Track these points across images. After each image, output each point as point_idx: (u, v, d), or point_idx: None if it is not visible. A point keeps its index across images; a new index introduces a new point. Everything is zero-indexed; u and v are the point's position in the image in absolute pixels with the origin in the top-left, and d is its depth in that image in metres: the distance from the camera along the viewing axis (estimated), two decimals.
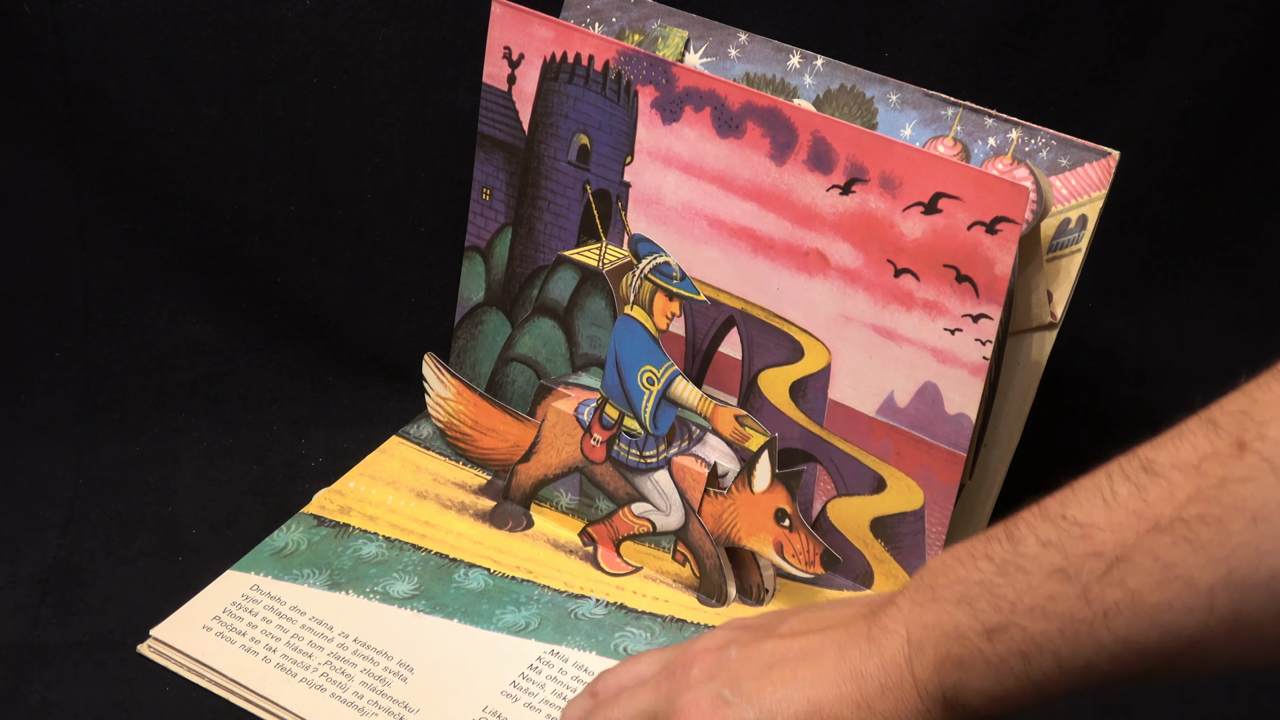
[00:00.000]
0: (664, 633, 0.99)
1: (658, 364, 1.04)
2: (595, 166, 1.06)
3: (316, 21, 1.14)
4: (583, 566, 1.04)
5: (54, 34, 1.12)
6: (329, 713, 0.93)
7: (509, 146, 1.09)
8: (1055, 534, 0.70)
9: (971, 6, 1.15)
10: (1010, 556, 0.71)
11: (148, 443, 1.12)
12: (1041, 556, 0.70)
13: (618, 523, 1.04)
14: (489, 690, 0.94)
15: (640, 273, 1.03)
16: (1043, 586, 0.70)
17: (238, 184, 1.17)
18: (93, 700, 0.94)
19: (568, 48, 1.05)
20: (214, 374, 1.17)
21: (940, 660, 0.73)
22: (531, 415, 1.07)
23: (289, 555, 1.02)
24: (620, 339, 1.04)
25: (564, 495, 1.06)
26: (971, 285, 0.96)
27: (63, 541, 1.04)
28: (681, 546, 1.02)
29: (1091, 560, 0.69)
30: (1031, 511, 0.72)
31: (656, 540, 1.03)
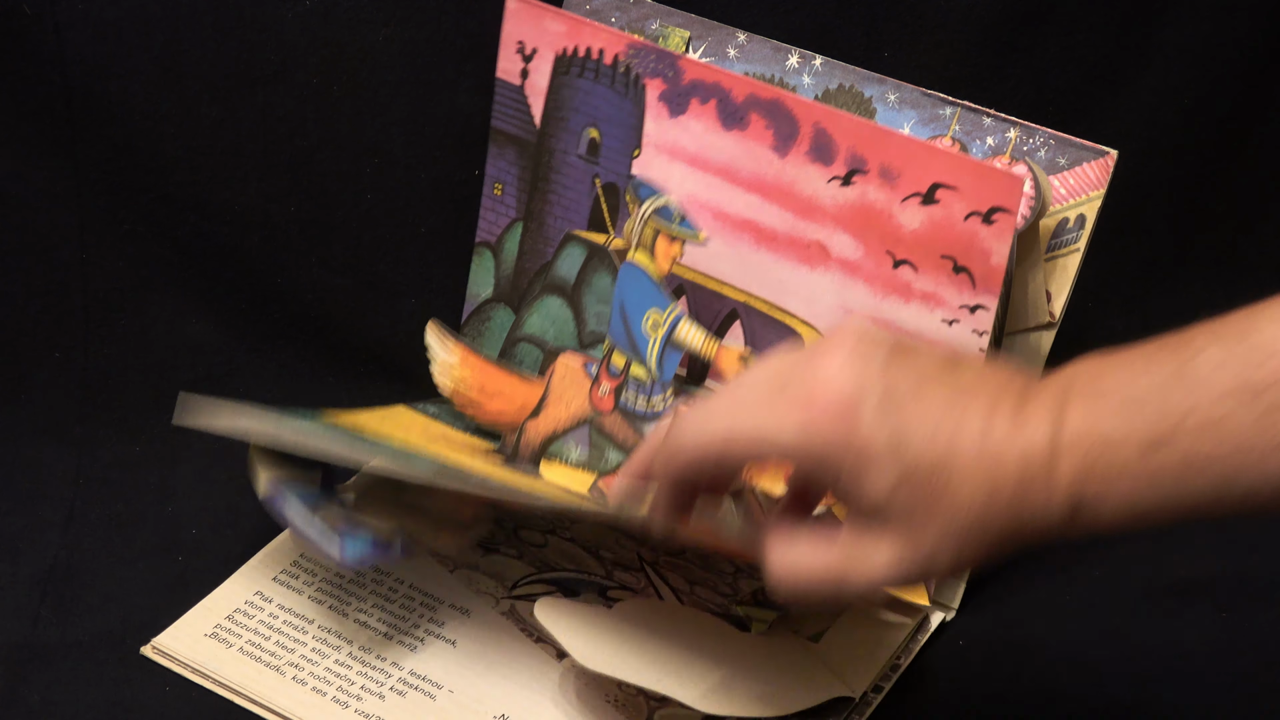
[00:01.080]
0: None
1: (661, 307, 1.04)
2: (604, 160, 1.06)
3: (317, 21, 1.14)
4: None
5: (54, 34, 1.12)
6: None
7: (521, 141, 1.09)
8: (1232, 356, 0.67)
9: (970, 6, 1.15)
10: (1181, 370, 0.68)
11: (148, 443, 1.12)
12: (1216, 376, 0.67)
13: None
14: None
15: (642, 216, 1.03)
16: (1216, 406, 0.67)
17: (238, 184, 1.17)
18: (93, 700, 0.94)
19: (579, 42, 1.06)
20: (214, 374, 1.17)
21: (1088, 468, 0.69)
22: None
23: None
24: (624, 286, 1.04)
25: (574, 449, 1.05)
26: (968, 276, 0.96)
27: (63, 541, 1.04)
28: None
29: (1274, 389, 0.66)
30: (1202, 330, 0.69)
31: None
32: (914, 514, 0.71)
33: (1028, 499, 0.70)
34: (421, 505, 0.97)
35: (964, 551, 0.71)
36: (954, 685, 0.98)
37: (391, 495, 0.97)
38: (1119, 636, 1.01)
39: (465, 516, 0.99)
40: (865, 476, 0.71)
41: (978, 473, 0.70)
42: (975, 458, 0.70)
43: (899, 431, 0.70)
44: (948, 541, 0.71)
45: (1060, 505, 0.70)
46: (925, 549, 0.71)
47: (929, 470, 0.70)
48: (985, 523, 0.70)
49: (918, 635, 1.00)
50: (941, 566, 0.72)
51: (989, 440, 0.70)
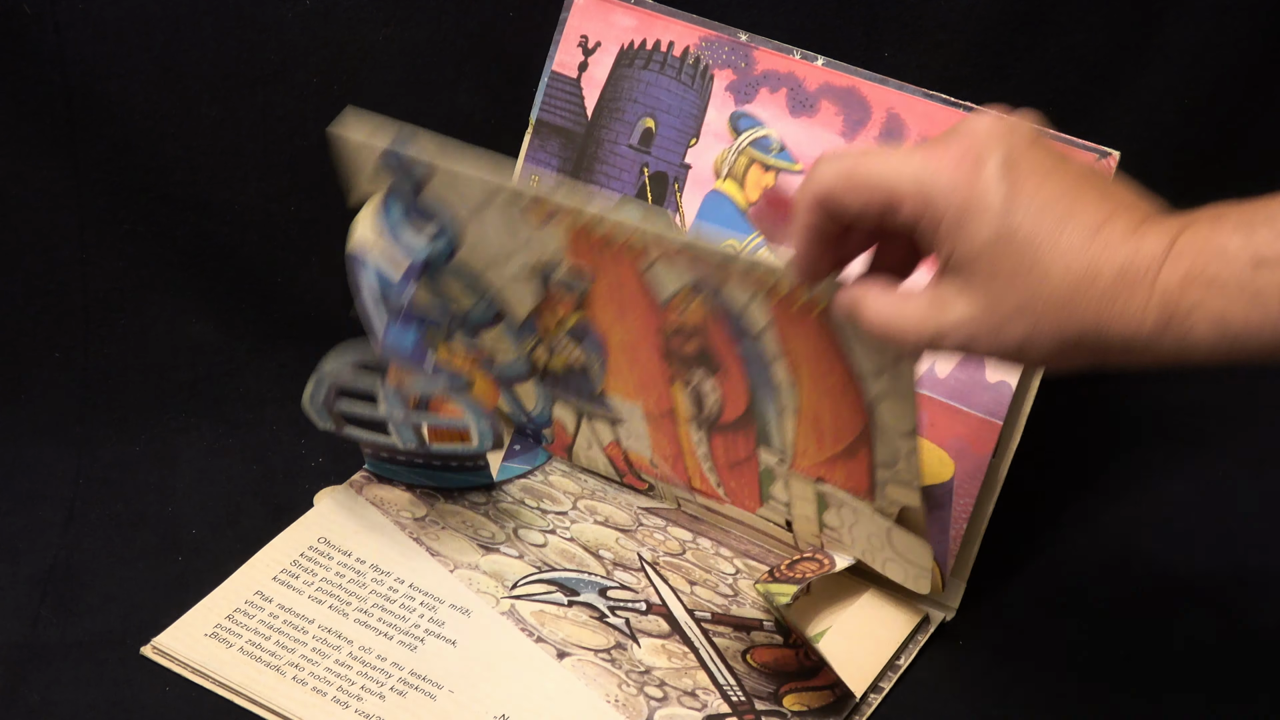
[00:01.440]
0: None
1: (743, 235, 1.04)
2: (657, 150, 1.08)
3: (316, 21, 1.14)
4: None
5: (54, 34, 1.12)
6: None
7: (568, 132, 1.10)
8: None
9: (970, 6, 1.15)
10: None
11: (148, 443, 1.12)
12: None
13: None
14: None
15: (738, 146, 1.04)
16: None
17: (238, 184, 1.17)
18: (93, 700, 0.94)
19: (649, 34, 1.08)
20: (214, 374, 1.17)
21: (1194, 274, 0.70)
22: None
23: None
24: (706, 212, 1.05)
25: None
26: None
27: (63, 541, 1.04)
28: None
29: None
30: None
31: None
32: (998, 275, 0.72)
33: (1121, 297, 0.71)
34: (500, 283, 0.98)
35: (1037, 332, 0.72)
36: (954, 685, 0.98)
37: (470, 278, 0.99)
38: (1119, 636, 1.01)
39: (548, 320, 0.99)
40: (967, 224, 0.72)
41: (1077, 257, 0.71)
42: (1078, 243, 0.71)
43: (1014, 195, 0.72)
44: (1024, 315, 0.72)
45: (1155, 310, 0.70)
46: (1000, 314, 0.72)
47: (1028, 238, 0.71)
48: (1068, 309, 0.71)
49: (917, 635, 1.00)
50: (1009, 340, 0.73)
51: (1098, 234, 0.71)
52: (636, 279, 0.93)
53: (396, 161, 0.94)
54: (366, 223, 0.98)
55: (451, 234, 0.96)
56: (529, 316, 1.01)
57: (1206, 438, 1.17)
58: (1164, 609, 1.03)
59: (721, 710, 0.94)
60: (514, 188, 0.93)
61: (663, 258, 0.90)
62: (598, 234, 0.92)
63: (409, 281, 0.97)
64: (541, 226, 0.93)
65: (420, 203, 0.96)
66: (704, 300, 0.91)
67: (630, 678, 0.96)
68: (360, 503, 1.07)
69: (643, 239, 0.90)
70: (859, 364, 0.88)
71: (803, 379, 0.92)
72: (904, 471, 0.93)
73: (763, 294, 0.88)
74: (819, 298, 0.84)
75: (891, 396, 0.88)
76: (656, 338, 0.96)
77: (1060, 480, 1.12)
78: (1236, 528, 1.09)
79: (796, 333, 0.89)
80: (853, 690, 0.95)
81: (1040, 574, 1.05)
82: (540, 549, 1.05)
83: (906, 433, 0.90)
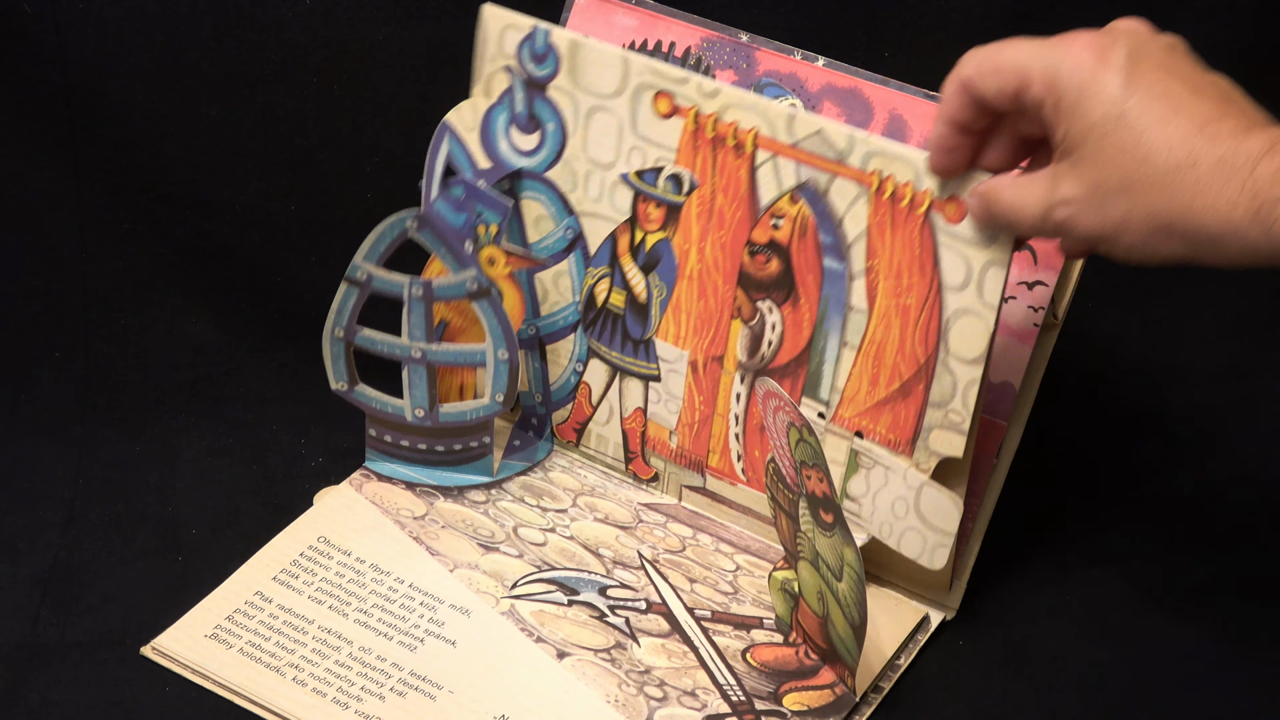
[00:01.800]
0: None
1: None
2: None
3: (316, 21, 1.15)
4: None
5: (54, 34, 1.12)
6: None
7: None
8: None
9: (970, 6, 1.15)
10: None
11: (148, 443, 1.12)
12: None
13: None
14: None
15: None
16: None
17: (238, 183, 1.17)
18: (93, 700, 0.94)
19: (650, 35, 1.07)
20: (214, 374, 1.17)
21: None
22: None
23: None
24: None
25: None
26: (1030, 253, 0.98)
27: (63, 541, 1.04)
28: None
29: None
30: None
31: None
32: (1104, 154, 0.78)
33: (1216, 185, 0.76)
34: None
35: (1134, 212, 0.78)
36: (954, 685, 0.98)
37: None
38: (1119, 636, 1.01)
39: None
40: (1084, 103, 0.79)
41: (1180, 145, 0.76)
42: (1184, 133, 0.77)
43: (1131, 82, 0.78)
44: (1124, 195, 0.78)
45: (1246, 199, 0.75)
46: (1102, 192, 0.79)
47: (1136, 121, 0.77)
48: (1165, 191, 0.77)
49: (917, 635, 1.00)
50: (1109, 219, 0.79)
51: (1205, 128, 0.77)
52: (744, 180, 0.97)
53: (535, 49, 1.01)
54: (472, 110, 1.04)
55: (554, 145, 1.02)
56: (604, 241, 1.04)
57: (1206, 438, 1.17)
58: (1164, 609, 1.03)
59: (721, 710, 0.94)
60: (653, 67, 0.99)
61: (778, 155, 0.96)
62: (719, 129, 0.97)
63: (489, 180, 1.03)
64: (665, 119, 0.99)
65: (535, 107, 1.02)
66: (806, 205, 0.96)
67: (630, 677, 0.96)
68: (360, 502, 1.07)
69: (771, 125, 0.96)
70: (946, 274, 0.93)
71: (879, 301, 0.96)
72: (957, 411, 0.95)
73: (870, 193, 0.93)
74: (926, 195, 0.91)
75: (969, 314, 0.93)
76: (738, 256, 1.00)
77: (1060, 480, 1.12)
78: (1236, 528, 1.09)
79: (893, 239, 0.94)
80: (853, 688, 0.95)
81: (1040, 574, 1.05)
82: (540, 548, 1.05)
83: (973, 359, 0.94)
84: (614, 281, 1.06)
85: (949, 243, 0.92)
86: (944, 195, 0.91)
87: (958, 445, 0.96)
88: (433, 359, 1.06)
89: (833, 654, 0.95)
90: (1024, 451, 1.01)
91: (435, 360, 1.06)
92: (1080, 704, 0.97)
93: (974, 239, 0.91)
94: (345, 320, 1.06)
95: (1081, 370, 1.20)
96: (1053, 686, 0.98)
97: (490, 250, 1.06)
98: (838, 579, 0.92)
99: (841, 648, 0.94)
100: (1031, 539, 1.07)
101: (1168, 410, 1.19)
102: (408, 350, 1.06)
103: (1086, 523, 1.09)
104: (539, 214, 1.07)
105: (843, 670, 0.95)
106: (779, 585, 0.99)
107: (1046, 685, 0.98)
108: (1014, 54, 0.82)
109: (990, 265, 0.91)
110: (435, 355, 1.06)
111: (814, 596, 0.95)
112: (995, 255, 0.91)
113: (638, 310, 1.06)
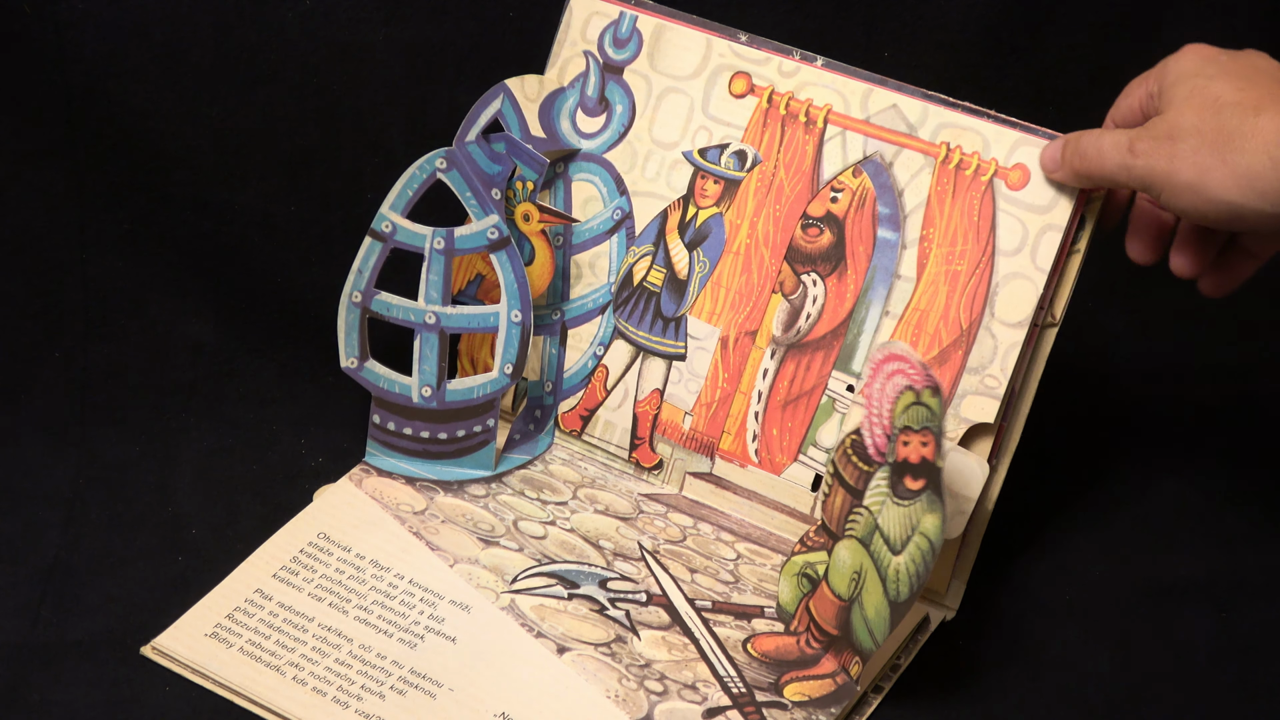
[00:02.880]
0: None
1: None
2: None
3: (317, 22, 1.15)
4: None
5: (54, 34, 1.12)
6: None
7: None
8: None
9: (970, 6, 1.16)
10: None
11: (148, 443, 1.12)
12: None
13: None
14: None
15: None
16: None
17: (238, 184, 1.17)
18: (93, 700, 0.94)
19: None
20: (214, 374, 1.17)
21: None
22: None
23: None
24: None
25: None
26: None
27: (63, 541, 1.04)
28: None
29: None
30: None
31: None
32: (1184, 99, 0.90)
33: (1275, 128, 0.86)
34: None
35: (1202, 146, 0.88)
36: (954, 685, 0.98)
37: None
38: (1119, 636, 1.01)
39: None
40: (1181, 73, 0.92)
41: (1251, 98, 0.88)
42: (1257, 94, 0.88)
43: (1222, 63, 0.91)
44: (1197, 133, 0.88)
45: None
46: (1179, 129, 0.89)
47: (1217, 81, 0.90)
48: (1231, 129, 0.87)
49: (918, 635, 1.00)
50: (1179, 153, 0.89)
51: (1277, 95, 0.88)
52: (809, 154, 1.02)
53: (619, 34, 1.06)
54: (538, 84, 1.08)
55: (619, 127, 1.07)
56: (652, 220, 1.08)
57: (1206, 438, 1.17)
58: (1164, 609, 1.03)
59: (722, 703, 0.94)
60: (735, 49, 1.05)
61: (848, 130, 1.02)
62: (791, 107, 1.03)
63: (540, 148, 1.06)
64: (738, 99, 1.04)
65: (607, 90, 1.07)
66: (868, 177, 1.02)
67: (630, 672, 0.96)
68: (360, 497, 1.07)
69: (845, 101, 1.02)
70: (1001, 239, 0.99)
71: (929, 268, 1.01)
72: (994, 376, 0.99)
73: (937, 163, 0.99)
74: (991, 164, 0.99)
75: (1020, 277, 0.99)
76: (790, 230, 1.04)
77: (1060, 480, 1.12)
78: (1236, 528, 1.09)
79: (952, 206, 1.00)
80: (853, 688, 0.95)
81: (1040, 574, 1.05)
82: (540, 541, 1.05)
83: (1018, 322, 0.99)
84: (655, 259, 1.08)
85: (1008, 208, 0.98)
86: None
87: (990, 410, 0.99)
88: (446, 324, 1.06)
89: (843, 641, 0.95)
90: (1023, 452, 1.01)
91: (448, 325, 1.06)
92: (1080, 704, 0.97)
93: (1034, 204, 0.98)
94: (365, 282, 1.06)
95: (1081, 370, 1.20)
96: (1053, 686, 0.98)
97: (525, 206, 1.08)
98: (895, 552, 0.92)
99: (863, 632, 0.94)
100: (1031, 539, 1.07)
101: (1168, 410, 1.20)
102: (422, 315, 1.06)
103: (1086, 522, 1.09)
104: (589, 195, 1.09)
105: (849, 658, 0.95)
106: (797, 569, 0.99)
107: (1046, 685, 0.98)
108: (1139, 76, 0.96)
109: (1047, 230, 0.98)
110: (449, 320, 1.06)
111: (844, 579, 0.95)
112: (1053, 220, 0.97)
113: (675, 287, 1.08)
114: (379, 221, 1.05)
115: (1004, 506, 1.02)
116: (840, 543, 0.96)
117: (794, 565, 0.99)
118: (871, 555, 0.93)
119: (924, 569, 0.90)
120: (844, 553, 0.95)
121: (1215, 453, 1.16)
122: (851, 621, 0.94)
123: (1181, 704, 0.97)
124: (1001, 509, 1.02)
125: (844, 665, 0.96)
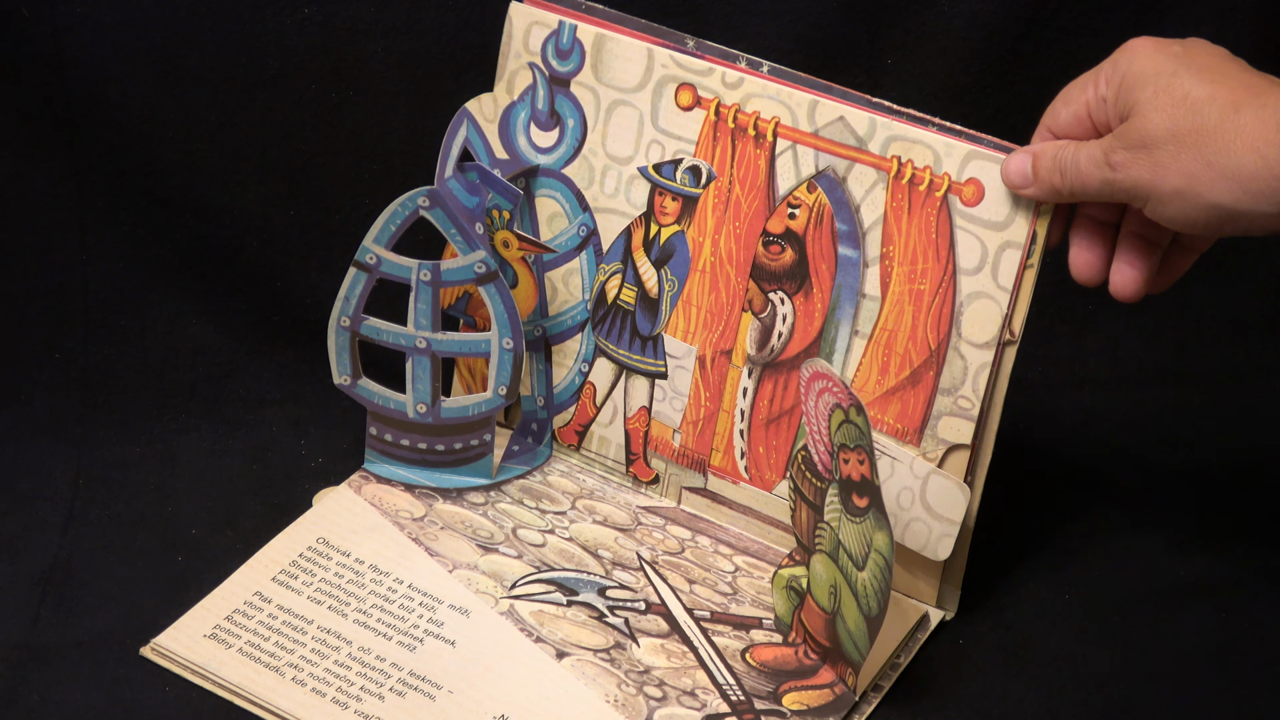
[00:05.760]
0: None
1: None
2: None
3: (315, 28, 1.15)
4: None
5: (53, 37, 1.12)
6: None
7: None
8: None
9: (973, 13, 1.15)
10: None
11: (148, 443, 1.12)
12: None
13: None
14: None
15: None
16: None
17: (237, 187, 1.17)
18: (93, 700, 0.94)
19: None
20: (214, 375, 1.17)
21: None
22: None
23: None
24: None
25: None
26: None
27: (63, 541, 1.04)
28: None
29: None
30: None
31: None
32: (1158, 104, 0.86)
33: (1257, 125, 0.83)
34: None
35: (1182, 153, 0.85)
36: (954, 685, 0.98)
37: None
38: (1119, 636, 1.01)
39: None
40: (1144, 73, 0.88)
41: (1227, 96, 0.85)
42: (1231, 91, 0.85)
43: (1188, 59, 0.88)
44: (1175, 140, 0.85)
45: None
46: (1156, 135, 0.86)
47: (1189, 79, 0.86)
48: (1212, 132, 0.84)
49: (917, 635, 1.00)
50: (1160, 161, 0.86)
51: (1252, 89, 0.85)
52: (762, 169, 0.99)
53: (560, 44, 1.03)
54: (493, 102, 1.06)
55: (573, 141, 1.04)
56: (617, 237, 1.06)
57: (1206, 438, 1.17)
58: (1164, 609, 1.03)
59: (721, 710, 0.94)
60: (676, 59, 1.01)
61: (798, 144, 0.99)
62: (739, 119, 1.00)
63: (504, 172, 1.05)
64: (686, 111, 1.01)
65: (556, 103, 1.04)
66: (823, 193, 0.99)
67: (629, 677, 0.96)
68: (359, 503, 1.07)
69: (793, 114, 0.99)
70: (961, 258, 0.96)
71: (892, 287, 0.98)
72: (967, 397, 0.97)
73: (889, 178, 0.96)
74: (944, 178, 0.95)
75: (983, 297, 0.96)
76: (752, 247, 1.02)
77: (1059, 480, 1.12)
78: (1236, 528, 1.09)
79: (909, 224, 0.97)
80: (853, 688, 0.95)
81: (1040, 574, 1.05)
82: (539, 549, 1.05)
83: (985, 342, 0.96)
84: (625, 277, 1.07)
85: (965, 225, 0.95)
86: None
87: (966, 432, 0.97)
88: (437, 349, 1.06)
89: (836, 652, 0.95)
90: (1023, 452, 1.01)
91: (440, 350, 1.06)
92: (1080, 704, 0.97)
93: (991, 221, 0.94)
94: (352, 309, 1.05)
95: (1082, 370, 1.20)
96: (1052, 686, 0.98)
97: (504, 234, 1.07)
98: (859, 568, 0.92)
99: (849, 644, 0.94)
100: (1031, 539, 1.07)
101: (1167, 412, 1.19)
102: (413, 340, 1.06)
103: (1085, 523, 1.09)
104: (553, 211, 1.08)
105: (844, 669, 0.95)
106: (784, 583, 0.99)
107: (1046, 685, 0.98)
108: (1077, 80, 0.92)
109: (1006, 247, 0.94)
110: (440, 345, 1.06)
111: (824, 592, 0.95)
112: (1011, 237, 0.94)
113: (648, 305, 1.06)
114: (363, 254, 1.04)
115: (1003, 506, 1.02)
116: (814, 556, 0.96)
117: (781, 579, 0.99)
118: (841, 570, 0.94)
119: (885, 585, 0.91)
120: (819, 567, 0.96)
121: (1215, 452, 1.16)
122: (838, 633, 0.95)
123: (1181, 704, 0.97)
124: (1001, 509, 1.02)
125: (841, 676, 0.96)
